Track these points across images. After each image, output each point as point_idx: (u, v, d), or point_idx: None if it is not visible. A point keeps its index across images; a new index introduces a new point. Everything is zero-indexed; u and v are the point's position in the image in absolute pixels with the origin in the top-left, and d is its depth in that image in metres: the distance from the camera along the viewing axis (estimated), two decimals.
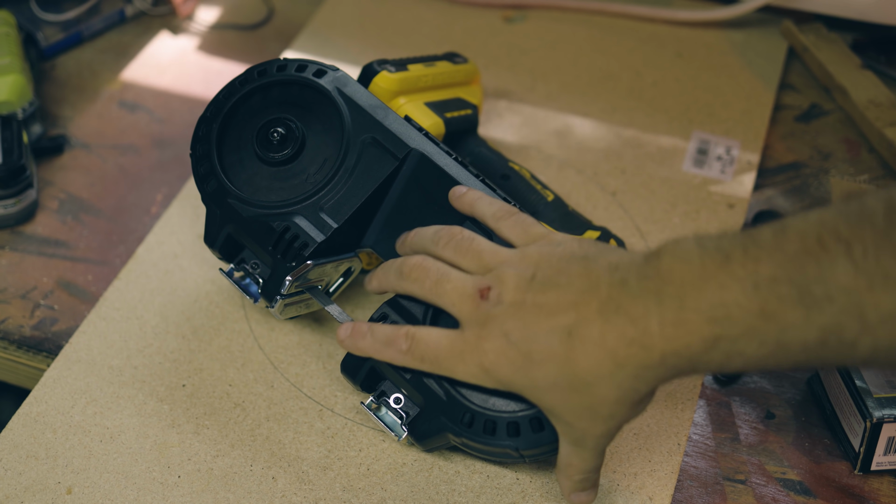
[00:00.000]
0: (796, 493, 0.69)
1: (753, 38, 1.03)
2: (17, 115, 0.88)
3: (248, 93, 0.73)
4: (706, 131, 0.93)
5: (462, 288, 0.63)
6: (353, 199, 0.71)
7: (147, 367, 0.75)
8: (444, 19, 1.05)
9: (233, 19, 1.06)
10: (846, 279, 0.51)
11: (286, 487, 0.68)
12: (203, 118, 0.74)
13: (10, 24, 0.95)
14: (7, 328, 0.78)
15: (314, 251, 0.69)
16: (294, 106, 0.74)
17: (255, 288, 0.72)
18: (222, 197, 0.72)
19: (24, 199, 0.85)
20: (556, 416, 0.61)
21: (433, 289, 0.64)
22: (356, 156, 0.71)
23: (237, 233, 0.72)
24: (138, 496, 0.67)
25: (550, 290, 0.59)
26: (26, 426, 0.71)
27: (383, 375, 0.68)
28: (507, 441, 0.64)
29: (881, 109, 0.93)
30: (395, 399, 0.67)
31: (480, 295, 0.62)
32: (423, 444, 0.68)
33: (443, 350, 0.63)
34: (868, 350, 0.52)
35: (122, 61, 1.01)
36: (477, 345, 0.61)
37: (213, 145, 0.73)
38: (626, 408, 0.59)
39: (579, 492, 0.64)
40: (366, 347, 0.66)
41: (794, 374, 0.75)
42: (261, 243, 0.71)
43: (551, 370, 0.59)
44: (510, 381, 0.61)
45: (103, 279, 0.81)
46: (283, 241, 0.70)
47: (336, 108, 0.72)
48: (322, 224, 0.70)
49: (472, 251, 0.64)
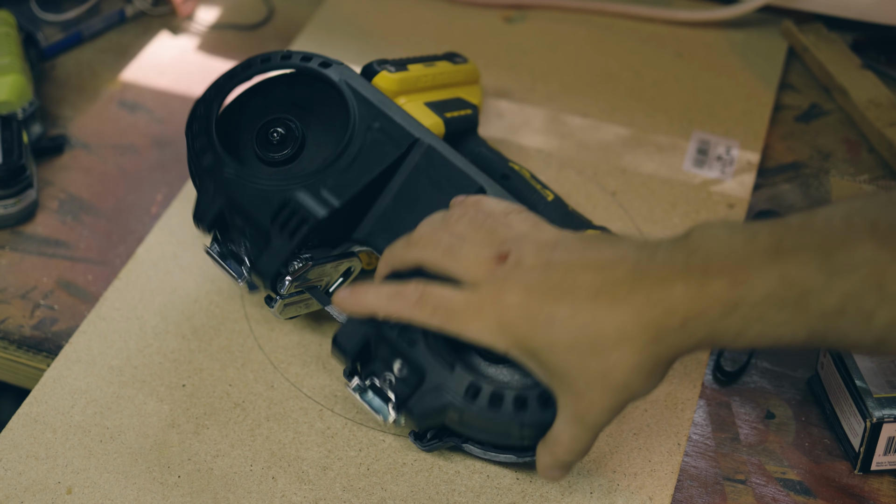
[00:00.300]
0: (796, 493, 0.69)
1: (753, 38, 1.03)
2: (17, 115, 0.88)
3: (250, 90, 0.74)
4: (706, 131, 0.93)
5: (478, 253, 0.61)
6: (357, 182, 0.70)
7: (147, 367, 0.75)
8: (444, 19, 1.05)
9: (233, 19, 1.06)
10: (869, 251, 0.52)
11: (286, 487, 0.68)
12: (202, 99, 0.73)
13: (10, 24, 0.95)
14: (7, 328, 0.78)
15: (314, 226, 0.68)
16: (294, 105, 0.74)
17: (241, 268, 0.71)
18: (219, 170, 0.70)
19: (24, 199, 0.85)
20: (566, 382, 0.59)
21: (445, 254, 0.62)
22: (360, 142, 0.71)
23: (230, 209, 0.70)
24: (138, 496, 0.67)
25: (577, 258, 0.59)
26: (26, 426, 0.71)
27: (376, 354, 0.65)
28: (513, 416, 0.62)
29: (881, 109, 0.93)
30: (386, 378, 0.64)
31: (498, 259, 0.60)
32: (419, 423, 0.65)
33: (458, 303, 0.60)
34: (884, 323, 0.52)
35: (122, 61, 1.01)
36: (496, 300, 0.59)
37: (212, 123, 0.71)
38: (641, 377, 0.58)
39: (555, 468, 0.63)
40: (369, 302, 0.63)
41: (794, 373, 0.75)
42: (257, 217, 0.69)
43: (573, 328, 0.58)
44: (527, 339, 0.59)
45: (103, 279, 0.81)
46: (283, 214, 0.68)
47: (342, 96, 0.72)
48: (324, 201, 0.68)
49: (486, 227, 0.63)
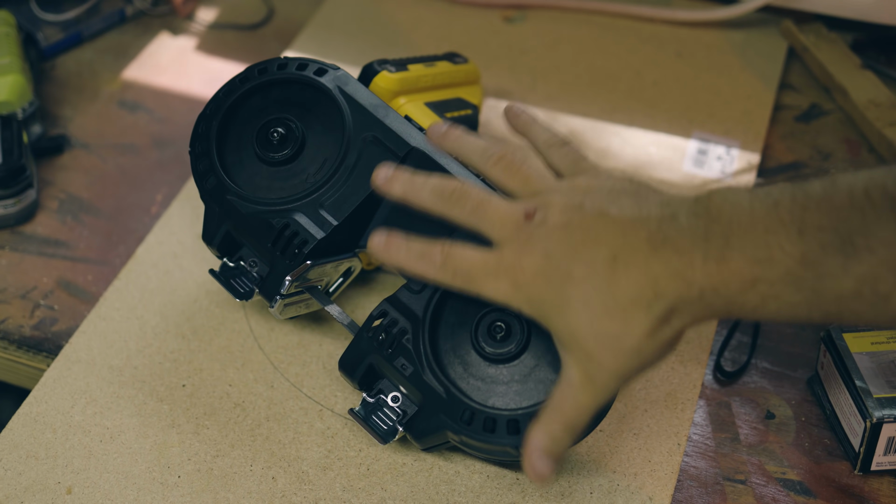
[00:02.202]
0: (796, 493, 0.69)
1: (753, 38, 1.03)
2: (17, 115, 0.88)
3: (248, 91, 0.73)
4: (706, 131, 0.93)
5: (506, 210, 0.62)
6: (354, 197, 0.70)
7: (147, 367, 0.75)
8: (444, 19, 1.05)
9: (232, 19, 1.06)
10: (888, 233, 0.52)
11: (286, 487, 0.68)
12: (202, 116, 0.74)
13: (10, 24, 0.95)
14: (7, 328, 0.78)
15: (314, 248, 0.69)
16: (294, 105, 0.74)
17: (245, 288, 0.72)
18: (221, 194, 0.71)
19: (24, 199, 0.85)
20: (576, 342, 0.59)
21: (474, 211, 0.63)
22: (357, 154, 0.71)
23: (236, 230, 0.72)
24: (138, 496, 0.67)
25: (599, 217, 0.59)
26: (26, 426, 0.71)
27: (381, 374, 0.68)
28: (507, 439, 0.64)
29: (881, 109, 0.93)
30: (394, 398, 0.67)
31: (526, 217, 0.61)
32: (421, 443, 0.68)
33: (477, 264, 0.62)
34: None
35: (122, 61, 1.01)
36: (515, 261, 0.60)
37: (212, 142, 0.72)
38: (653, 345, 0.58)
39: (545, 455, 0.61)
40: (400, 259, 0.64)
41: (794, 373, 0.75)
42: (259, 240, 0.71)
43: (589, 289, 0.58)
44: (541, 299, 0.60)
45: (103, 279, 0.81)
46: (283, 238, 0.70)
47: (337, 106, 0.72)
48: (322, 221, 0.70)
49: (521, 173, 0.64)
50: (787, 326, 0.78)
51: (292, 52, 1.00)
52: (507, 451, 0.65)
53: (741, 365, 0.76)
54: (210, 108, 0.74)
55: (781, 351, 0.77)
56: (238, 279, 0.73)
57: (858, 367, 0.70)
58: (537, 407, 0.63)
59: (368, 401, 0.68)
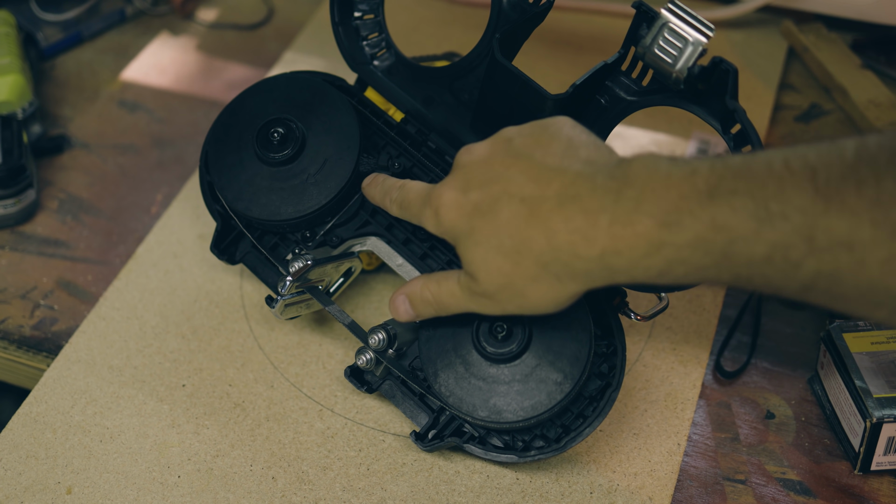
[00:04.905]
0: (796, 493, 0.69)
1: (753, 38, 1.03)
2: (17, 115, 0.88)
3: (250, 90, 0.74)
4: (706, 131, 0.93)
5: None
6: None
7: (147, 367, 0.75)
8: (444, 19, 1.05)
9: (233, 19, 1.06)
10: (804, 200, 0.51)
11: (286, 487, 0.68)
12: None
13: (10, 24, 0.95)
14: (7, 328, 0.78)
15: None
16: (294, 106, 0.74)
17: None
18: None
19: (24, 199, 0.85)
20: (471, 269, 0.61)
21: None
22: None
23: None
24: (138, 496, 0.67)
25: (520, 158, 0.60)
26: (26, 426, 0.71)
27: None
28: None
29: (881, 109, 0.93)
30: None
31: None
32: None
33: (414, 196, 0.66)
34: (810, 274, 0.52)
35: (122, 61, 1.01)
36: (440, 191, 0.62)
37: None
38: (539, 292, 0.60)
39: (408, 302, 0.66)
40: (375, 194, 0.70)
41: (794, 373, 0.75)
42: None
43: (491, 226, 0.60)
44: (453, 227, 0.62)
45: (103, 279, 0.81)
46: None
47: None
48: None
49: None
50: (787, 326, 0.78)
51: (292, 53, 1.00)
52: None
53: (741, 365, 0.76)
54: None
55: (781, 351, 0.77)
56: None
57: (858, 367, 0.70)
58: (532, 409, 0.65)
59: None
